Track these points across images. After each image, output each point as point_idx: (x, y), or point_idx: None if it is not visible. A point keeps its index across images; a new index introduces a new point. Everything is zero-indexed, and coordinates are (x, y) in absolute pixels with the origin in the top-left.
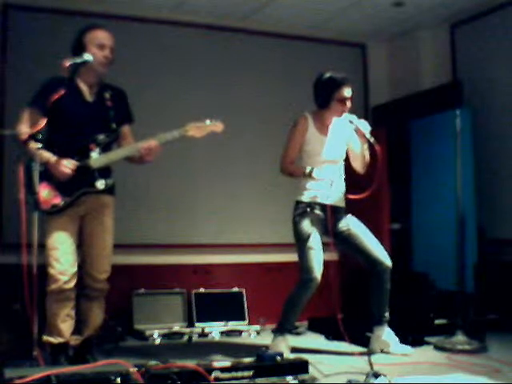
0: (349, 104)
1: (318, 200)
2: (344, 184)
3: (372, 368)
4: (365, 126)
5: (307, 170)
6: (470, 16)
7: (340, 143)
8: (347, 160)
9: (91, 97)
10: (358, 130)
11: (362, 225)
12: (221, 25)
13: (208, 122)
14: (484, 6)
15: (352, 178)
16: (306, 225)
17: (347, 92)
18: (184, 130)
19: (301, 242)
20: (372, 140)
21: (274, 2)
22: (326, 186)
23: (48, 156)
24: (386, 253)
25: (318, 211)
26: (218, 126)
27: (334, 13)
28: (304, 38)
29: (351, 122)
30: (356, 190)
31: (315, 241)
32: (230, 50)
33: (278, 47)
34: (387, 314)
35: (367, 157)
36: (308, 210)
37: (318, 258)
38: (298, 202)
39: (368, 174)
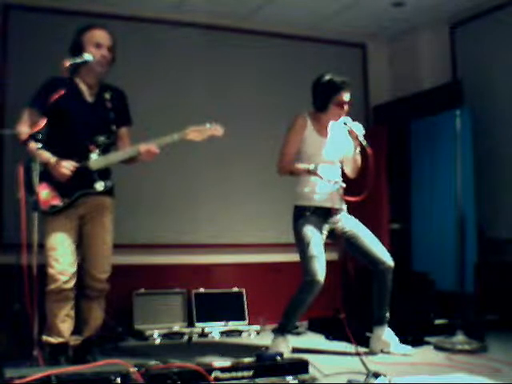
0: (346, 108)
1: (317, 203)
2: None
3: (367, 368)
4: (358, 129)
5: (311, 167)
6: (470, 16)
7: (338, 144)
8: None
9: (91, 97)
10: (351, 132)
11: (362, 225)
12: (221, 25)
13: (208, 125)
14: (484, 5)
15: (349, 179)
16: (307, 228)
17: (346, 97)
18: (184, 134)
19: (303, 245)
20: (364, 143)
21: (274, 2)
22: (325, 188)
23: (48, 156)
24: (387, 253)
25: (317, 214)
26: (217, 130)
27: (334, 13)
28: (304, 38)
29: (345, 123)
30: (353, 191)
31: (316, 243)
32: (230, 50)
33: (278, 47)
34: (388, 314)
35: (358, 161)
36: (308, 213)
37: (320, 261)
38: (297, 207)
39: (364, 176)
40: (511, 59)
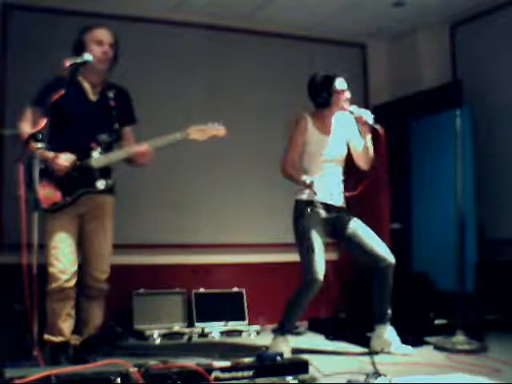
0: (348, 94)
1: (319, 199)
2: (343, 184)
3: (375, 368)
4: (367, 114)
5: (307, 182)
6: (470, 16)
7: (341, 142)
8: (349, 157)
9: (94, 96)
10: (359, 119)
11: (362, 223)
12: (221, 25)
13: (210, 125)
14: (484, 5)
15: (353, 173)
16: (307, 225)
17: (342, 84)
18: (186, 133)
19: (302, 242)
20: (377, 126)
21: (274, 2)
22: (326, 185)
23: (47, 154)
24: (388, 250)
25: (318, 210)
26: (220, 130)
27: (334, 13)
28: (304, 38)
29: (352, 112)
30: (356, 186)
31: (317, 241)
32: (230, 50)
33: (278, 47)
34: (390, 312)
35: (371, 151)
36: (308, 209)
37: (320, 258)
38: (298, 201)
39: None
40: (511, 59)
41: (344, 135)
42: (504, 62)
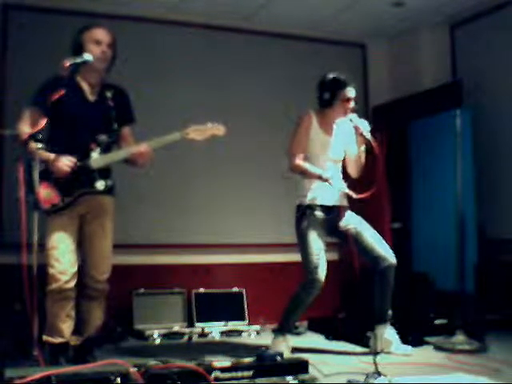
0: (352, 104)
1: (319, 202)
2: (343, 183)
3: (376, 368)
4: (364, 125)
5: (324, 176)
6: (470, 16)
7: (342, 143)
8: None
9: (93, 96)
10: (357, 129)
11: (365, 222)
12: (220, 25)
13: (209, 124)
14: (484, 6)
15: (352, 178)
16: (309, 227)
17: (351, 92)
18: (185, 133)
19: (304, 244)
20: (371, 139)
21: (274, 2)
22: (328, 187)
23: (47, 155)
24: (390, 250)
25: (319, 212)
26: (219, 129)
27: (334, 13)
28: (304, 38)
29: (351, 120)
30: (357, 189)
31: (318, 242)
32: (230, 50)
33: (278, 47)
34: (390, 312)
35: (363, 159)
36: (309, 212)
37: (321, 260)
38: (300, 206)
39: (368, 174)
40: (511, 59)
41: (343, 140)
42: (504, 62)
